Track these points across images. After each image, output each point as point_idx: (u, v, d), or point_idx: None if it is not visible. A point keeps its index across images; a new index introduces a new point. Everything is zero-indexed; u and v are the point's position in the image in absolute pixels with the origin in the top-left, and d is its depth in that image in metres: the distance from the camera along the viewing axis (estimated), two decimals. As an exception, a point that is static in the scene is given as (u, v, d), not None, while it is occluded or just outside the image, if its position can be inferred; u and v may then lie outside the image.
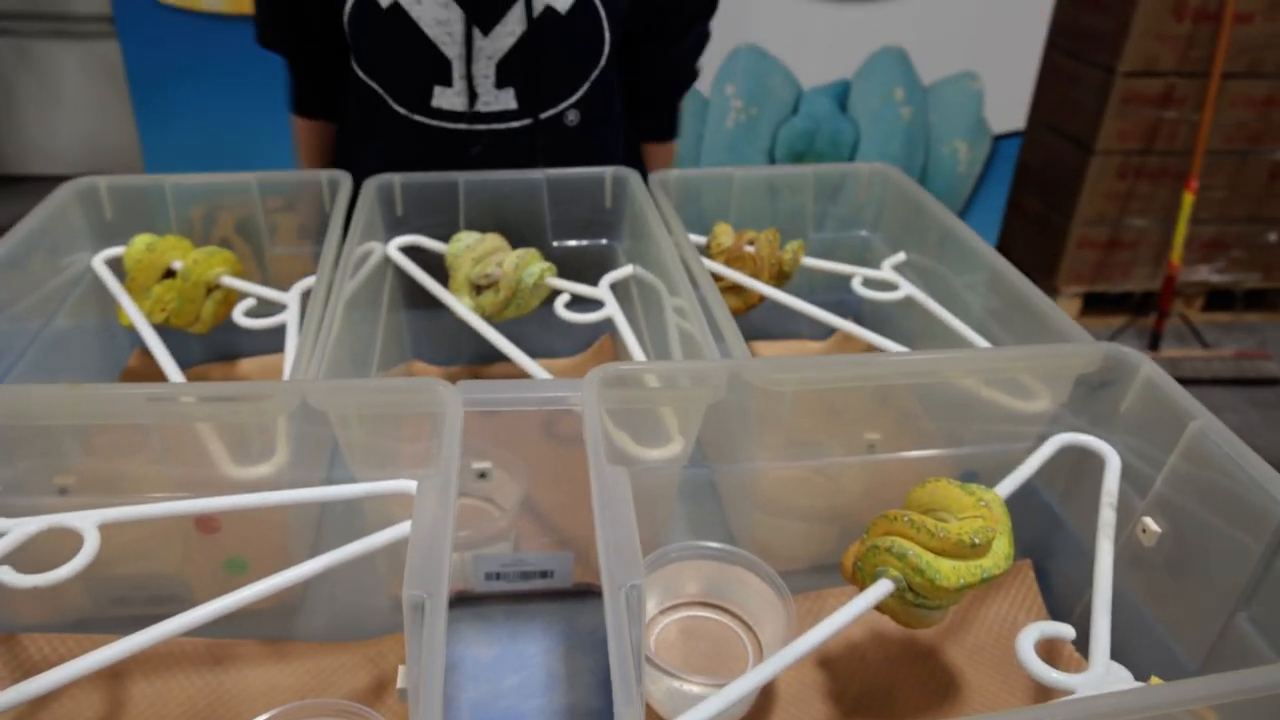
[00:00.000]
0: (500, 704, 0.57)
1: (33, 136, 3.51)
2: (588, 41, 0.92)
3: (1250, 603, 0.45)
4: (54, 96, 3.42)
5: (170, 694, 0.55)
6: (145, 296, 0.78)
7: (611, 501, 0.43)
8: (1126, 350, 0.56)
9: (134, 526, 0.52)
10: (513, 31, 0.89)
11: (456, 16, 0.88)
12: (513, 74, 0.91)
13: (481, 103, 0.92)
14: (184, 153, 1.90)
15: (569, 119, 0.94)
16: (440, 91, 0.91)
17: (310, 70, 1.01)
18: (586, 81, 0.93)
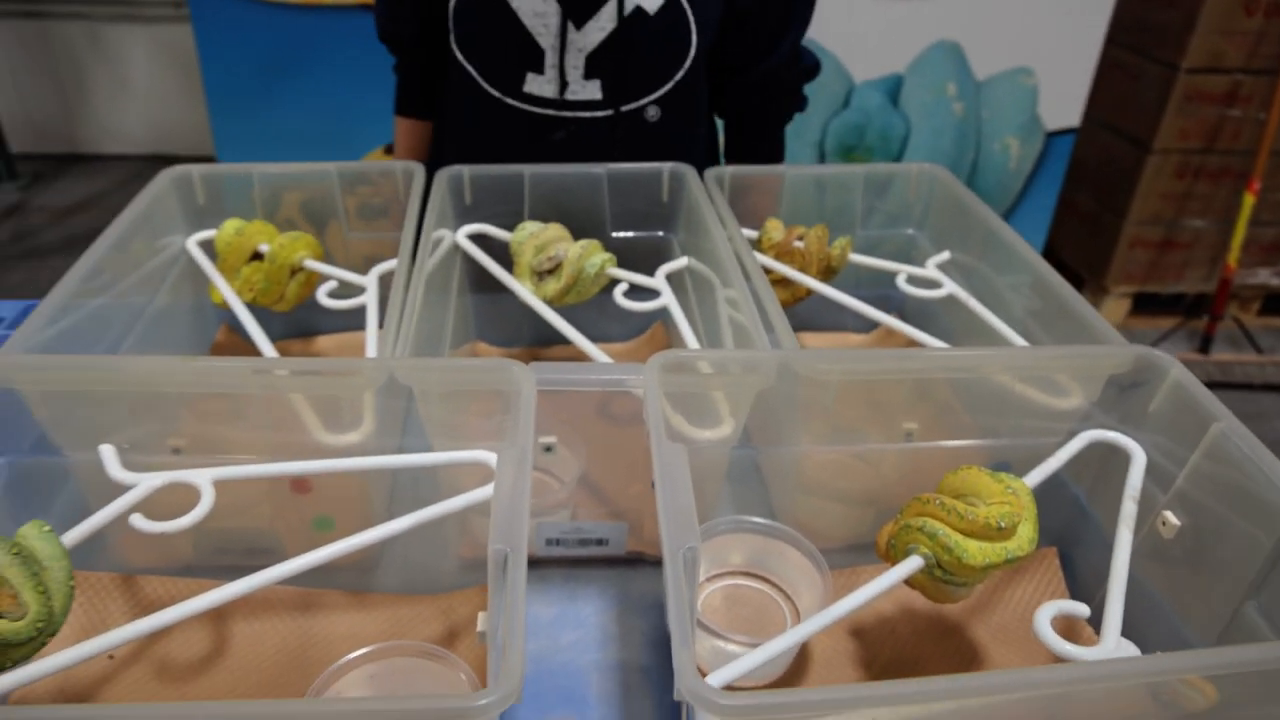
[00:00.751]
0: (558, 658, 0.62)
1: (102, 118, 3.64)
2: (674, 43, 0.96)
3: (1260, 593, 0.49)
4: (122, 79, 3.55)
5: (266, 635, 0.62)
6: (235, 277, 0.85)
7: (671, 474, 0.48)
8: (1157, 353, 0.59)
9: (234, 486, 0.58)
10: (604, 27, 0.94)
11: (553, 10, 0.93)
12: (600, 67, 0.96)
13: (570, 91, 0.97)
14: (254, 140, 1.98)
15: (649, 114, 0.99)
16: (532, 78, 0.97)
17: (417, 69, 1.09)
18: (670, 81, 0.98)
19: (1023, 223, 2.12)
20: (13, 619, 0.47)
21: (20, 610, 0.47)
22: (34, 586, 0.48)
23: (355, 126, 1.94)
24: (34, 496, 0.62)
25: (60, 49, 3.47)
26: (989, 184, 2.06)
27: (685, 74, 0.98)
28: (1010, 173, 2.04)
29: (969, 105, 1.95)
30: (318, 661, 0.60)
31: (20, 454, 0.61)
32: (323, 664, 0.60)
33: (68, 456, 0.61)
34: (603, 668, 0.61)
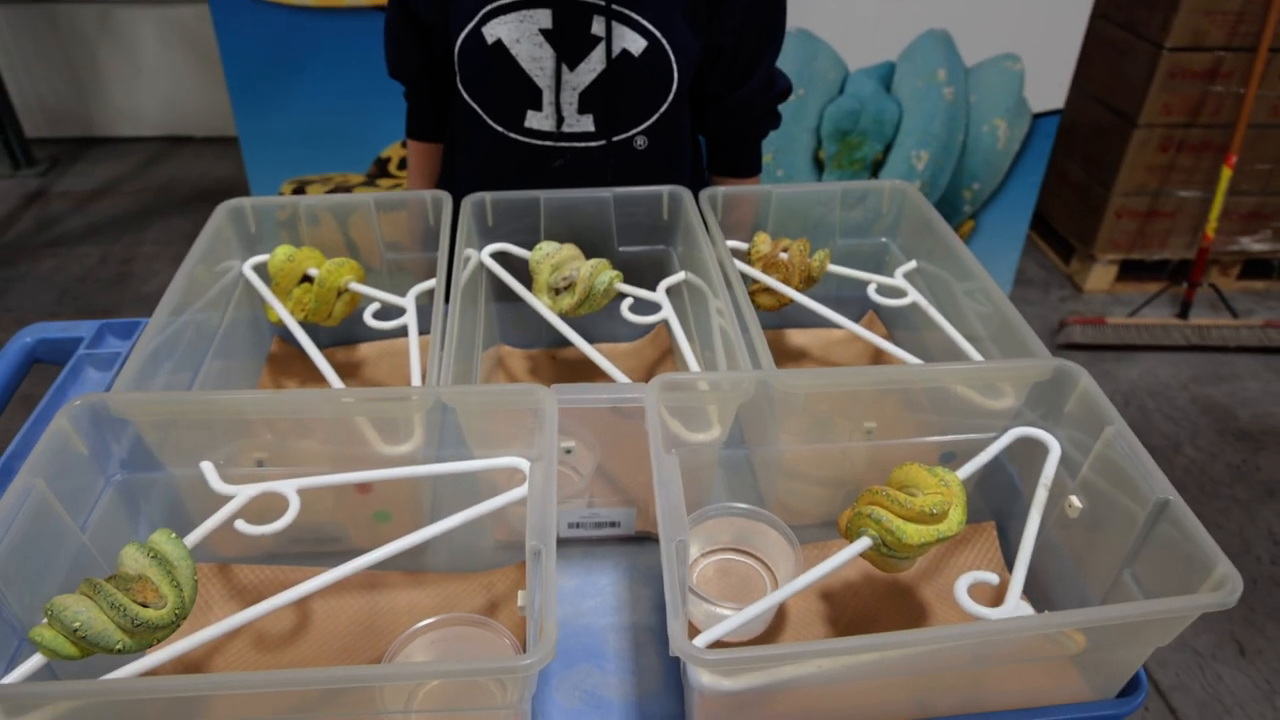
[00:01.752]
0: (580, 621, 0.75)
1: (117, 100, 3.71)
2: (657, 81, 1.07)
3: (1133, 562, 0.61)
4: (135, 61, 3.61)
5: (341, 610, 0.75)
6: (287, 298, 0.97)
7: (666, 481, 0.60)
8: (1071, 365, 0.71)
9: (310, 490, 0.71)
10: (594, 69, 1.05)
11: (548, 54, 1.05)
12: (592, 103, 1.08)
13: (566, 125, 1.09)
14: (277, 138, 2.08)
15: (638, 143, 1.11)
16: (532, 114, 1.09)
17: (426, 99, 1.20)
18: (655, 114, 1.09)
19: (1011, 199, 2.22)
20: (157, 608, 0.60)
21: (161, 601, 0.60)
22: (170, 582, 0.61)
23: (375, 119, 2.03)
24: (141, 501, 0.76)
25: (71, 33, 3.53)
26: (978, 163, 2.15)
27: (668, 107, 1.09)
28: (999, 153, 2.14)
29: (958, 90, 2.04)
30: (385, 630, 0.74)
31: (131, 470, 0.74)
32: (389, 633, 0.74)
33: (171, 471, 0.74)
34: (617, 628, 0.75)
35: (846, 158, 2.10)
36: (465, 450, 0.74)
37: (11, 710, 0.51)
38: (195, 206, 3.32)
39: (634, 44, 1.05)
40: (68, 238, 3.10)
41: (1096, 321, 2.43)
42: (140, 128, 3.80)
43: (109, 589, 0.59)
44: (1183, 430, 2.19)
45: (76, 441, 0.69)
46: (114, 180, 3.51)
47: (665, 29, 1.04)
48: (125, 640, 0.58)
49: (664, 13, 1.04)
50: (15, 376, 1.02)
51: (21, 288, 2.84)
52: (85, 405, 0.69)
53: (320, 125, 2.05)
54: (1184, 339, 2.41)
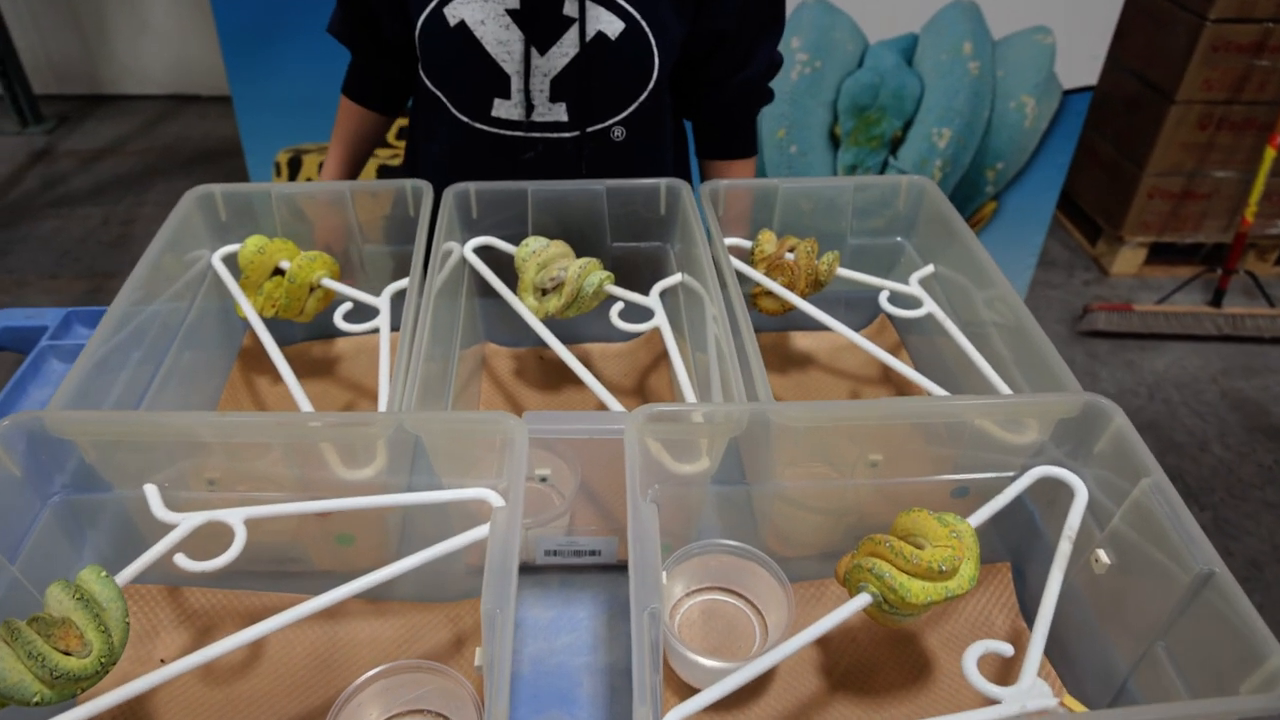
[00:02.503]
0: (554, 659, 0.70)
1: (123, 59, 3.67)
2: (636, 67, 0.98)
3: (1167, 634, 0.55)
4: (142, 19, 3.57)
5: (297, 641, 0.70)
6: (258, 292, 0.91)
7: (642, 534, 0.54)
8: (1104, 401, 0.63)
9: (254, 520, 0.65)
10: (566, 53, 0.96)
11: (516, 37, 0.95)
12: (565, 90, 0.98)
13: (536, 114, 1.00)
14: (273, 104, 2.01)
15: (615, 134, 1.02)
16: (499, 103, 1.00)
17: (370, 66, 1.11)
18: (634, 103, 1.00)
19: (1037, 180, 2.11)
20: (80, 657, 0.54)
21: (86, 649, 0.55)
22: (96, 627, 0.55)
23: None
24: (85, 524, 0.70)
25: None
26: (1004, 142, 2.05)
27: (648, 96, 1.00)
28: (1026, 131, 2.03)
29: (985, 64, 1.93)
30: (342, 664, 0.69)
31: (72, 491, 0.68)
32: (347, 666, 0.68)
33: (116, 492, 0.68)
34: (593, 670, 0.69)
35: (864, 134, 2.00)
36: (433, 475, 0.68)
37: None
38: (198, 168, 3.26)
39: (610, 26, 0.95)
40: (71, 198, 3.05)
41: (1123, 308, 2.33)
42: (146, 85, 3.75)
43: (28, 635, 0.53)
44: (1210, 427, 2.10)
45: (8, 463, 0.63)
46: (119, 139, 3.46)
47: (645, 10, 0.95)
48: (44, 691, 0.53)
49: None
50: (-29, 369, 0.97)
51: (23, 248, 2.80)
52: (15, 425, 0.63)
53: (317, 93, 1.96)
54: (1215, 328, 2.31)
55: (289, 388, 0.78)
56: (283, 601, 0.73)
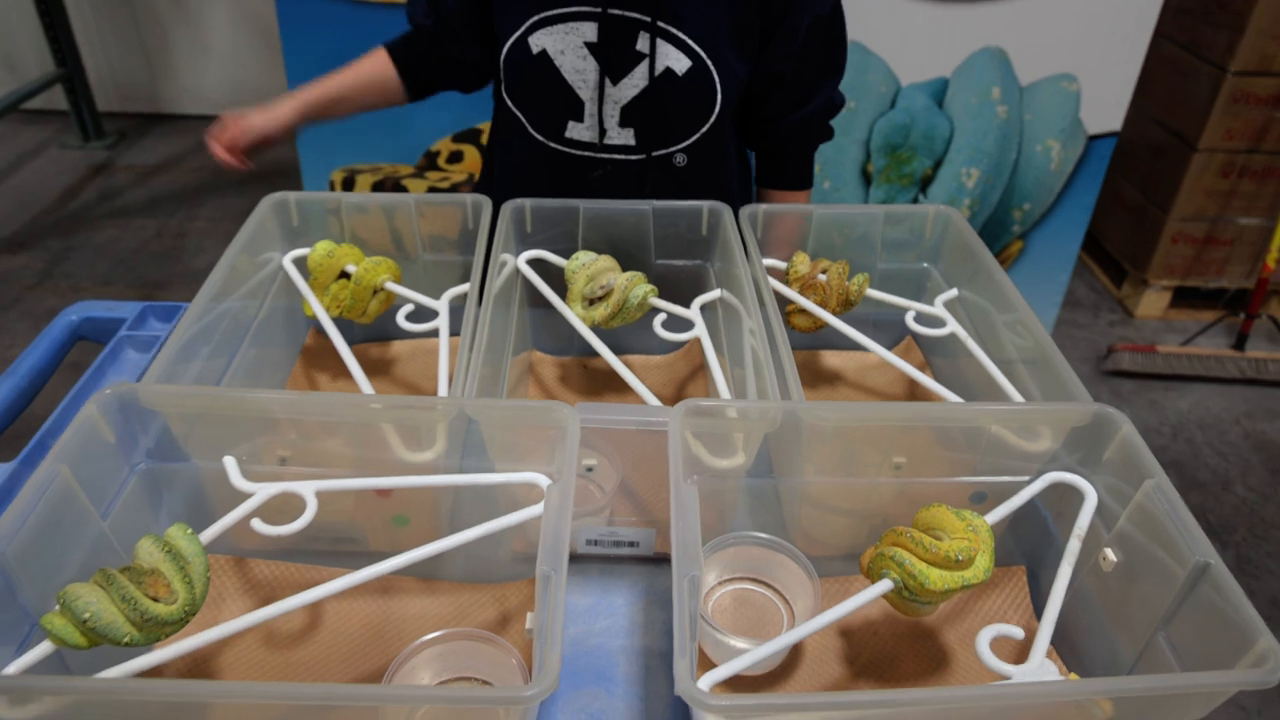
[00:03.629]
0: (591, 641, 0.74)
1: (185, 80, 3.82)
2: (700, 101, 1.06)
3: (1168, 625, 0.59)
4: (204, 42, 3.72)
5: (353, 612, 0.75)
6: (324, 293, 0.97)
7: (684, 512, 0.59)
8: (1112, 411, 0.68)
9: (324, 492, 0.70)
10: (637, 85, 1.04)
11: (592, 68, 1.04)
12: (634, 118, 1.07)
13: (607, 138, 1.08)
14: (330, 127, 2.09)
15: (677, 160, 1.10)
16: (573, 125, 1.08)
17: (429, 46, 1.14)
18: (696, 133, 1.08)
19: (1063, 221, 2.16)
20: (167, 604, 0.60)
21: (172, 597, 0.60)
22: (182, 578, 0.61)
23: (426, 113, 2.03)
24: (164, 490, 0.76)
25: (144, 12, 3.65)
26: (1030, 183, 2.10)
27: (710, 128, 1.08)
28: (1051, 173, 2.09)
29: (1012, 109, 1.99)
30: (395, 636, 0.74)
31: (155, 460, 0.74)
32: (399, 639, 0.73)
33: (193, 463, 0.74)
34: (629, 652, 0.74)
35: (895, 172, 2.07)
36: (487, 460, 0.74)
37: (10, 702, 0.52)
38: (249, 187, 3.37)
39: (678, 63, 1.03)
40: (127, 210, 3.17)
41: (1147, 349, 2.36)
42: (204, 106, 3.89)
43: (121, 581, 0.59)
44: (1233, 467, 2.12)
45: (104, 429, 0.69)
46: (175, 156, 3.59)
47: (711, 50, 1.03)
48: (133, 633, 0.59)
49: (710, 34, 1.03)
50: (59, 352, 1.04)
51: (79, 256, 2.91)
52: (115, 395, 0.69)
53: (372, 116, 2.05)
54: (1239, 371, 2.33)
55: (353, 375, 0.84)
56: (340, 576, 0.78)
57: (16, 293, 2.73)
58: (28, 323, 2.59)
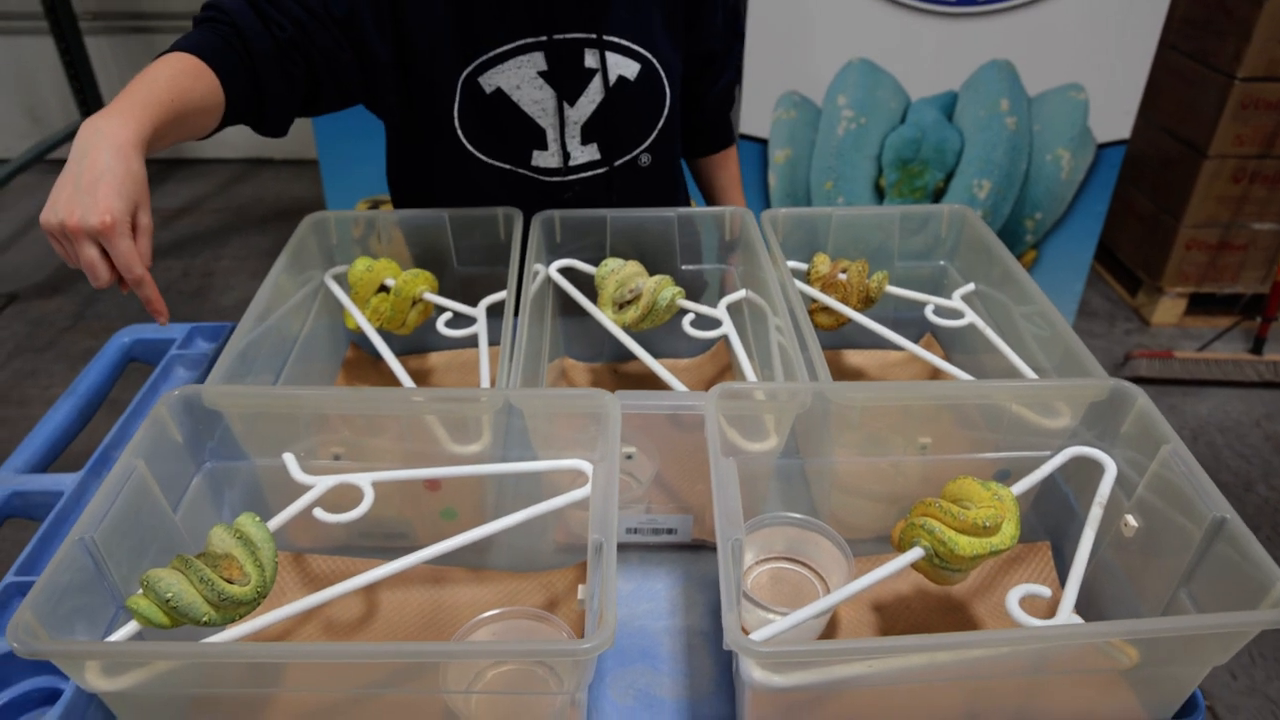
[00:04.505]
0: (636, 623, 0.78)
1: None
2: (653, 99, 1.10)
3: (1189, 581, 0.62)
4: (224, 90, 3.82)
5: (407, 602, 0.79)
6: (365, 306, 1.02)
7: (724, 484, 0.63)
8: (1129, 385, 0.71)
9: (382, 484, 0.74)
10: (593, 100, 1.07)
11: (549, 95, 1.05)
12: (595, 132, 1.09)
13: (572, 159, 1.10)
14: (355, 161, 2.16)
15: (642, 161, 1.13)
16: (538, 154, 1.09)
17: (286, 59, 0.94)
18: (654, 131, 1.12)
19: (1075, 229, 2.20)
20: (241, 585, 0.64)
21: (245, 579, 0.64)
22: (253, 562, 0.65)
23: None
24: (225, 487, 0.80)
25: (163, 61, 3.77)
26: (1041, 193, 2.14)
27: (665, 121, 1.12)
28: (1062, 183, 2.13)
29: (1021, 120, 2.04)
30: (448, 623, 0.77)
31: (219, 459, 0.78)
32: (452, 625, 0.77)
33: (255, 461, 0.79)
34: (672, 631, 0.77)
35: (907, 186, 2.11)
36: (530, 453, 0.77)
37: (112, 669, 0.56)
38: (272, 225, 3.45)
39: (628, 69, 1.06)
40: (154, 252, 3.24)
41: (1164, 355, 2.38)
42: (224, 150, 3.98)
43: (199, 565, 0.63)
44: (1255, 468, 2.13)
45: (172, 429, 0.73)
46: (198, 199, 3.68)
47: (653, 49, 1.07)
48: (211, 613, 0.62)
49: (647, 33, 1.06)
50: (115, 371, 1.09)
51: (110, 298, 2.98)
52: (181, 396, 0.74)
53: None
54: (1257, 375, 2.34)
55: (398, 378, 0.89)
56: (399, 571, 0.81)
57: (52, 335, 2.80)
58: (65, 364, 2.66)
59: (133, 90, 0.81)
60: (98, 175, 0.73)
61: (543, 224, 1.03)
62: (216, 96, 0.90)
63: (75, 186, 0.74)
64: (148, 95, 0.80)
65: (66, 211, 0.73)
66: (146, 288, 0.80)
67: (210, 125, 0.93)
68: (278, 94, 0.96)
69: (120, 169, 0.74)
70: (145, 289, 0.80)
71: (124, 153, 0.75)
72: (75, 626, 0.60)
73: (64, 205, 0.73)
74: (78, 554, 0.61)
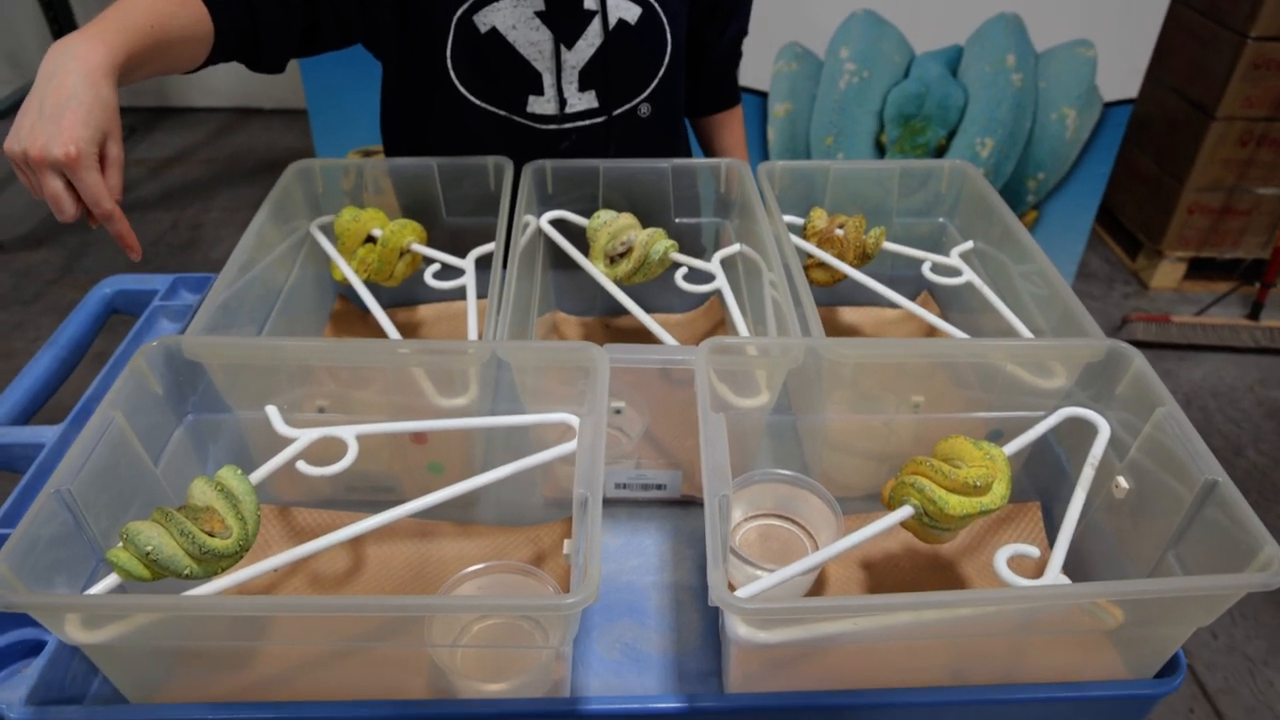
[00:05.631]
0: (624, 578, 0.77)
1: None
2: (654, 46, 1.06)
3: (1179, 543, 0.61)
4: (211, 34, 3.75)
5: (394, 556, 0.78)
6: (351, 257, 1.00)
7: (712, 439, 0.62)
8: (1125, 346, 0.70)
9: (367, 438, 0.73)
10: (592, 44, 1.03)
11: (546, 37, 1.02)
12: (593, 79, 1.06)
13: (569, 106, 1.07)
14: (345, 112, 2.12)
15: (641, 111, 1.10)
16: (534, 100, 1.06)
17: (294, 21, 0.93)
18: (655, 79, 1.08)
19: (1078, 190, 2.17)
20: (223, 538, 0.63)
21: (227, 531, 0.63)
22: (235, 515, 0.64)
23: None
24: (209, 441, 0.79)
25: (150, 5, 3.70)
26: (1045, 152, 2.11)
27: (666, 70, 1.08)
28: (1067, 142, 2.09)
29: (1027, 76, 2.00)
30: (434, 576, 0.77)
31: (201, 411, 0.77)
32: (438, 579, 0.76)
33: (238, 414, 0.77)
34: (659, 587, 0.76)
35: (909, 143, 2.08)
36: (519, 407, 0.76)
37: (92, 622, 0.55)
38: (262, 176, 3.41)
39: (629, 12, 1.03)
40: (142, 203, 3.21)
41: (1161, 319, 2.37)
42: (213, 99, 3.92)
43: (179, 518, 0.62)
44: (1245, 433, 2.13)
45: (152, 381, 0.72)
46: (186, 149, 3.63)
47: None
48: (193, 566, 0.62)
49: None
50: (96, 323, 1.07)
51: (98, 250, 2.95)
52: (160, 347, 0.72)
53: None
54: (1253, 341, 2.34)
55: (383, 326, 0.87)
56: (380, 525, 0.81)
57: (38, 288, 2.78)
58: (52, 316, 2.64)
59: (109, 13, 0.77)
60: (63, 101, 0.69)
61: (534, 174, 1.01)
62: (203, 26, 0.85)
63: (39, 113, 0.70)
64: (124, 19, 0.76)
65: (30, 140, 0.69)
66: (116, 223, 0.76)
67: (197, 57, 0.88)
68: (273, 24, 0.91)
69: (88, 96, 0.70)
70: (115, 224, 0.76)
71: (93, 78, 0.71)
72: (55, 580, 0.59)
73: (27, 133, 0.70)
74: (55, 506, 0.60)
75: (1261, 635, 1.65)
